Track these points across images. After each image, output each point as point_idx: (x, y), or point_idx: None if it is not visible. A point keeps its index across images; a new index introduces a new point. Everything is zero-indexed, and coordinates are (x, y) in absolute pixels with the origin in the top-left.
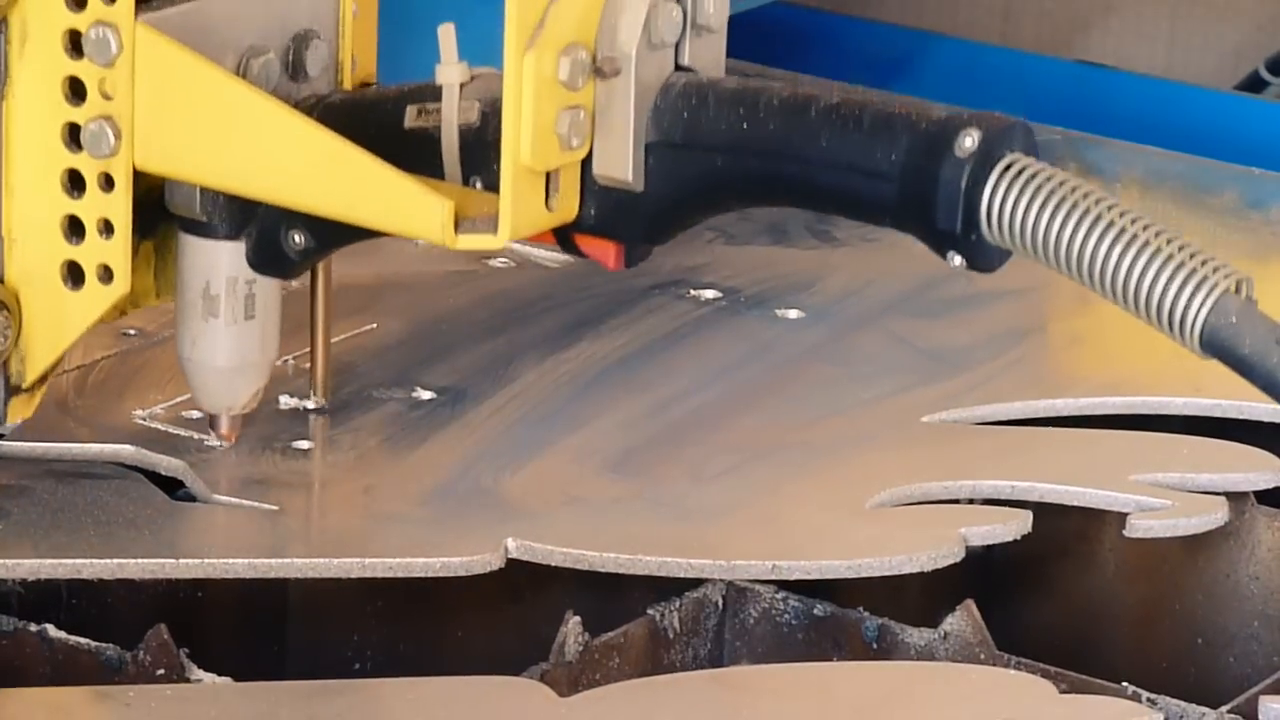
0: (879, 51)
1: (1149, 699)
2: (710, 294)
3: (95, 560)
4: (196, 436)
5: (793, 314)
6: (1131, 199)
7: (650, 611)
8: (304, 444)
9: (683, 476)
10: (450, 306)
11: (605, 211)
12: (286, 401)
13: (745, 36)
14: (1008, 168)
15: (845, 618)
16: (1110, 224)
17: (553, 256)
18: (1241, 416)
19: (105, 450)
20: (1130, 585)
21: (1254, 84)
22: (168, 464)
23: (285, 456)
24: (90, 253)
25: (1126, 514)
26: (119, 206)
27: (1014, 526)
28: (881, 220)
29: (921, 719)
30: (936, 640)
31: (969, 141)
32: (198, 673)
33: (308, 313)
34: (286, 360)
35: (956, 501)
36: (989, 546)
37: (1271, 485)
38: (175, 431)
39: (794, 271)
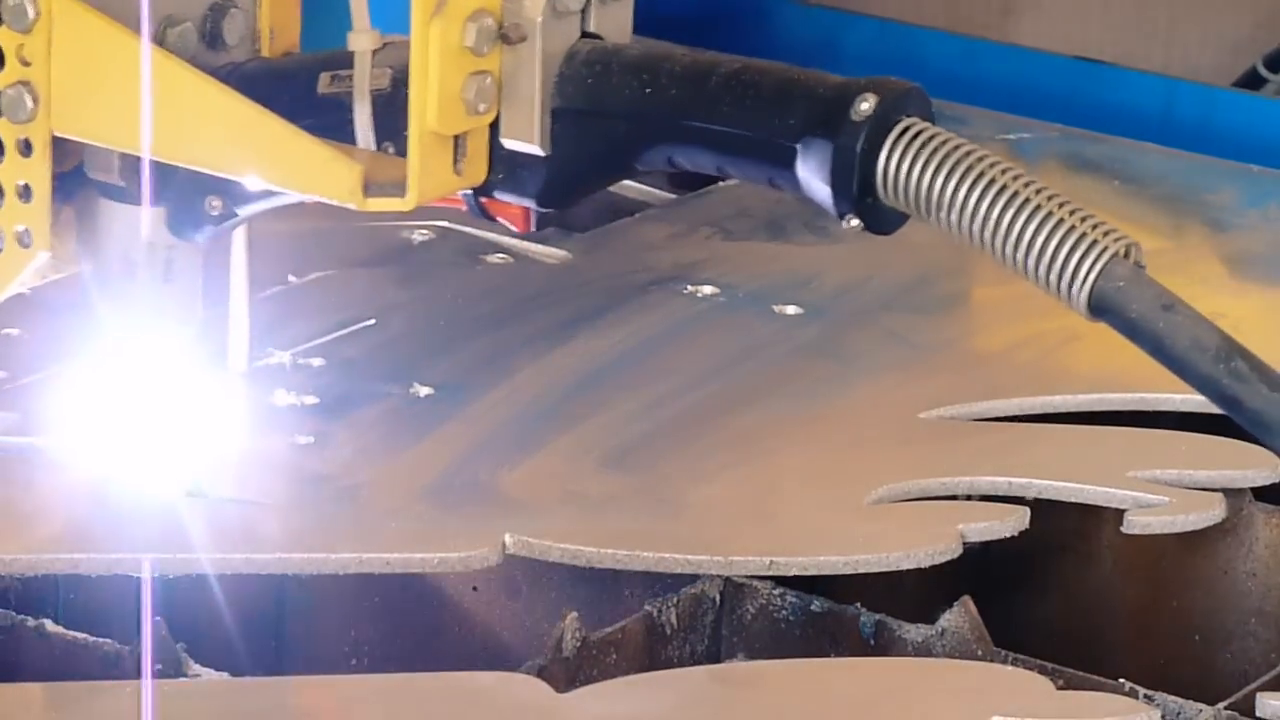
0: (877, 48)
1: (1146, 695)
2: (708, 290)
3: (93, 555)
4: (195, 431)
5: (790, 310)
6: (1129, 196)
7: (648, 607)
8: (302, 439)
9: (680, 472)
10: (448, 303)
11: (512, 175)
12: (284, 397)
13: (744, 33)
14: (903, 132)
15: (842, 614)
16: (1003, 187)
17: (551, 253)
18: None
19: (103, 446)
20: (1128, 581)
21: (1252, 80)
22: (166, 459)
23: (284, 452)
24: (9, 217)
25: (1124, 510)
26: (38, 171)
27: (1011, 523)
28: (780, 184)
29: (919, 715)
30: (934, 636)
31: (865, 106)
32: (195, 668)
33: (299, 302)
34: (285, 356)
35: (954, 498)
36: (986, 543)
37: (1269, 482)
38: (173, 426)
39: (791, 268)
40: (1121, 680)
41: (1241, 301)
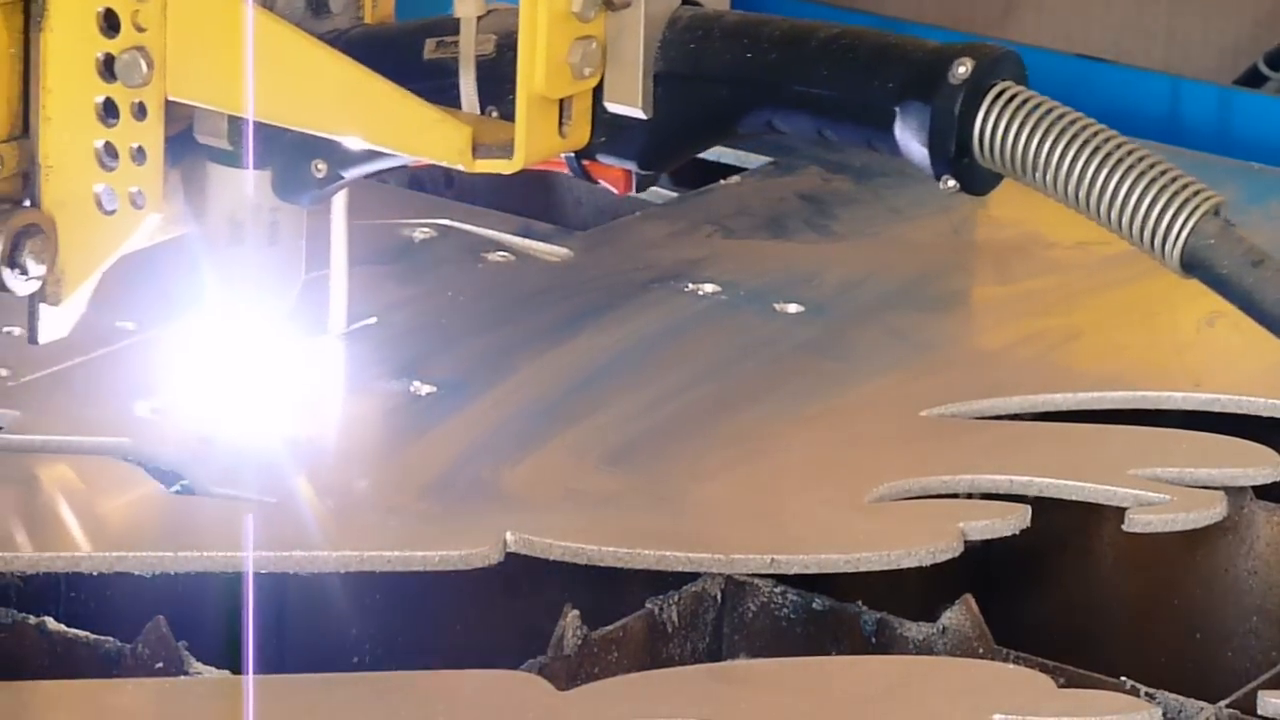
0: None
1: (1147, 693)
2: (709, 288)
3: (94, 553)
4: (195, 429)
5: (791, 308)
6: None
7: (649, 605)
8: (302, 436)
9: (682, 470)
10: (449, 301)
11: (614, 138)
12: (286, 394)
13: None
14: (999, 95)
15: (844, 612)
16: (1096, 148)
17: (552, 250)
18: (1240, 411)
19: (104, 443)
20: (1129, 580)
21: (1253, 78)
22: (166, 457)
23: (284, 449)
24: (123, 179)
25: (1125, 509)
26: (152, 134)
27: (1013, 521)
28: (878, 147)
29: (920, 713)
30: (935, 634)
31: (962, 70)
32: (197, 666)
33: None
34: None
35: (955, 496)
36: (988, 541)
37: (1270, 480)
38: (174, 425)
39: (793, 266)
40: (1123, 678)
41: None
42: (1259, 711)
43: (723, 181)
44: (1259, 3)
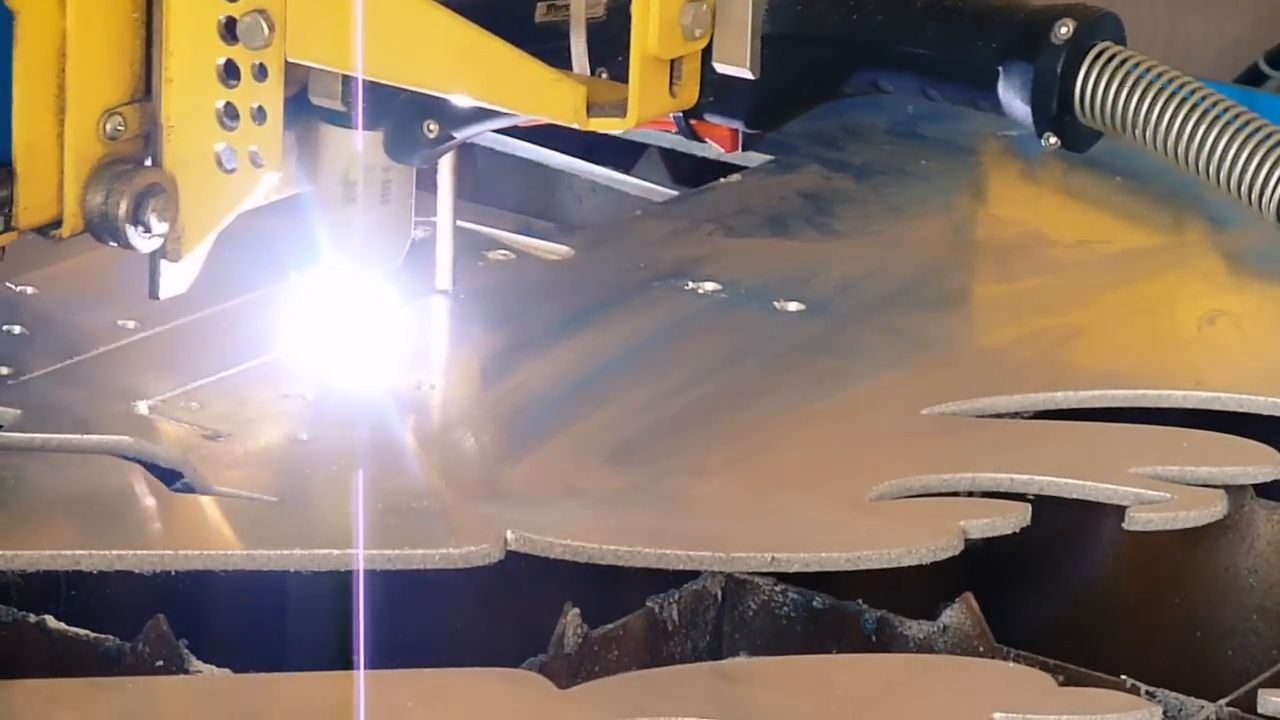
0: None
1: (1148, 692)
2: (709, 286)
3: (94, 551)
4: (195, 428)
5: (792, 306)
6: (1130, 192)
7: (649, 603)
8: (304, 435)
9: (682, 468)
10: (450, 299)
11: (722, 98)
12: (286, 392)
13: None
14: (1099, 54)
15: (844, 610)
16: (1195, 105)
17: (553, 249)
18: (1241, 410)
19: (104, 441)
20: (1129, 578)
21: (1254, 77)
22: (166, 455)
23: (285, 447)
24: (243, 138)
25: (1125, 507)
26: (271, 94)
27: (1013, 519)
28: (982, 105)
29: (920, 712)
30: (935, 633)
31: (1064, 30)
32: (197, 664)
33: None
34: (284, 353)
35: (956, 494)
36: (988, 539)
37: (1271, 478)
38: (174, 423)
39: (793, 264)
40: (1123, 677)
41: (1242, 298)
42: (1259, 710)
43: (723, 180)
44: (1259, 2)
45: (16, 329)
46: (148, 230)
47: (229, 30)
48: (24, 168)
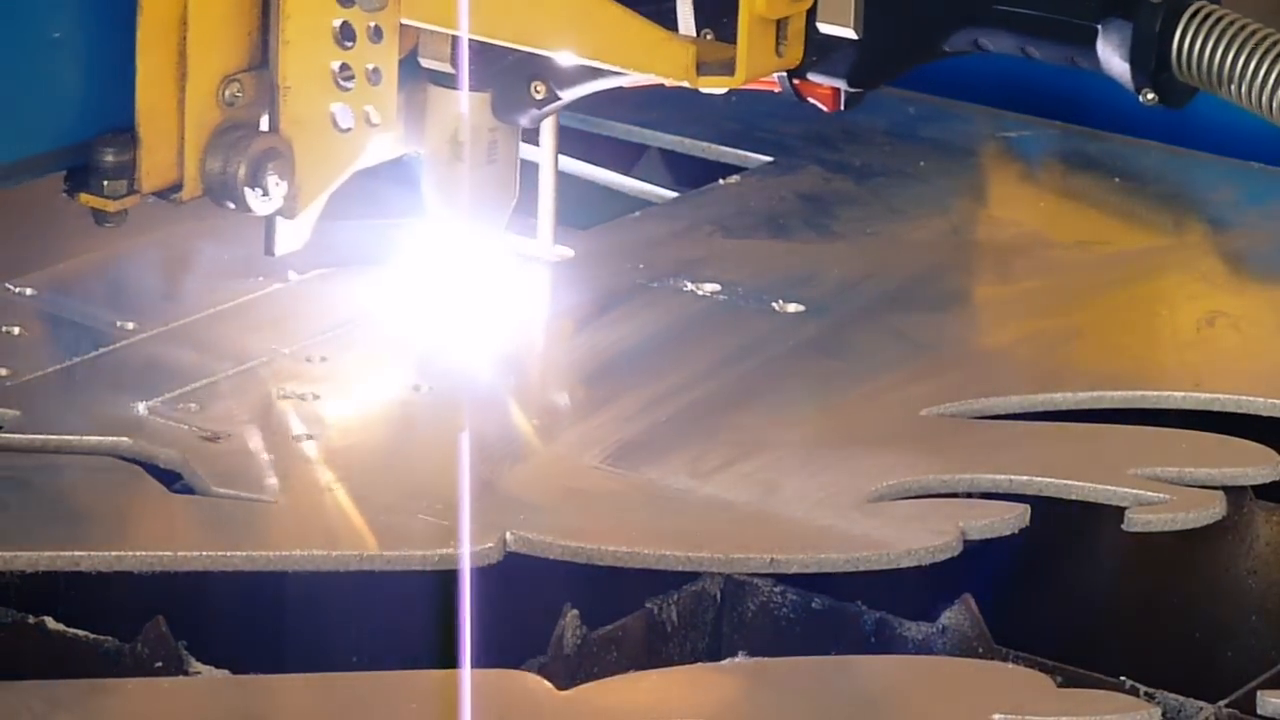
0: None
1: (1147, 693)
2: (709, 287)
3: (93, 552)
4: (195, 429)
5: (792, 308)
6: (1129, 193)
7: (648, 605)
8: (303, 436)
9: (681, 469)
10: (448, 299)
11: (826, 58)
12: (286, 392)
13: None
14: (1196, 12)
15: (843, 611)
16: None
17: (553, 250)
18: (1240, 411)
19: (104, 442)
20: (1128, 579)
21: None
22: (166, 456)
23: (284, 449)
24: (358, 98)
25: (1125, 508)
26: (387, 55)
27: (1012, 520)
28: (1081, 63)
29: (919, 713)
30: (934, 634)
31: None
32: (196, 665)
33: (299, 299)
34: (284, 353)
35: (955, 495)
36: (987, 540)
37: (1270, 480)
38: (174, 424)
39: (793, 265)
40: (1122, 678)
41: (1242, 299)
42: (1258, 711)
43: (722, 181)
44: (1259, 2)
45: (16, 329)
46: (266, 194)
47: None
48: (146, 133)
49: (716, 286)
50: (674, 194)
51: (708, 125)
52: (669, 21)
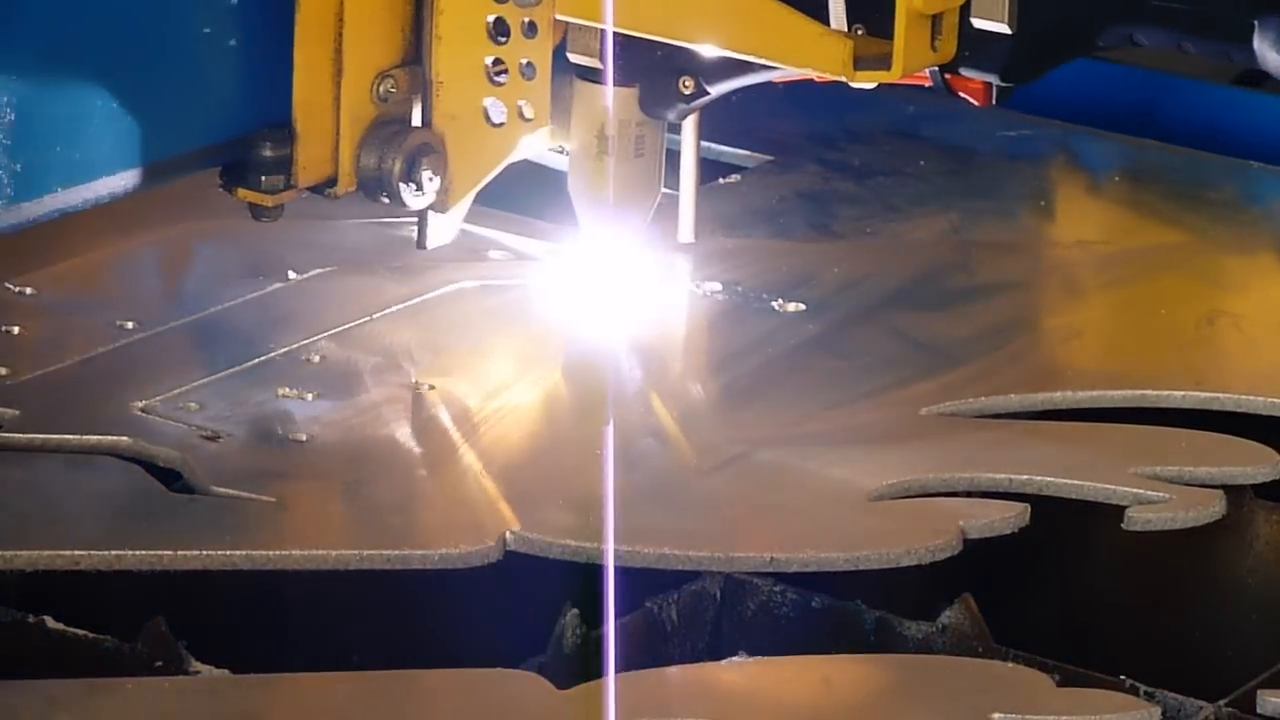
0: None
1: (1147, 692)
2: (710, 286)
3: (93, 552)
4: (194, 428)
5: (792, 307)
6: (1130, 193)
7: (648, 604)
8: (302, 435)
9: (681, 469)
10: (448, 299)
11: (978, 52)
12: (285, 393)
13: None
14: None
15: (843, 610)
16: None
17: (551, 249)
18: (1240, 410)
19: (103, 442)
20: (1128, 578)
21: (1251, 78)
22: (165, 455)
23: (283, 448)
24: (512, 93)
25: (1125, 507)
26: (541, 51)
27: (1012, 520)
28: (1236, 58)
29: (919, 712)
30: (934, 633)
31: None
32: (196, 664)
33: (299, 298)
34: (283, 352)
35: (955, 494)
36: (987, 539)
37: (1270, 479)
38: (173, 423)
39: (793, 264)
40: (1122, 677)
41: (1241, 298)
42: (1258, 710)
43: (722, 180)
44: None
45: (15, 329)
46: (419, 188)
47: None
48: (304, 128)
49: (717, 286)
50: (674, 193)
51: (708, 124)
52: (818, 17)
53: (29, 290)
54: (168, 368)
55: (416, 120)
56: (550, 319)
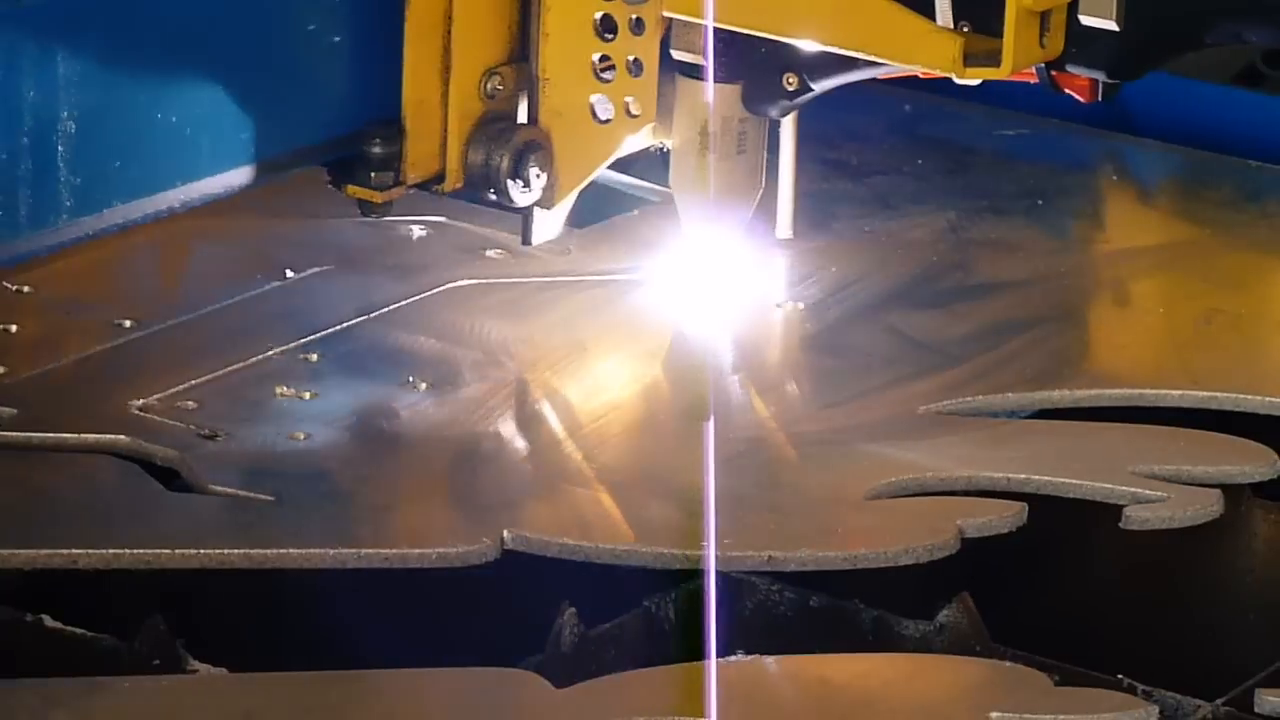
0: None
1: (1144, 691)
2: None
3: (91, 550)
4: (192, 427)
5: (790, 305)
6: (1127, 192)
7: (646, 603)
8: (300, 434)
9: (679, 467)
10: (445, 297)
11: (1085, 49)
12: (283, 391)
13: None
14: None
15: (841, 609)
16: None
17: (550, 248)
18: (1238, 409)
19: (101, 440)
20: (1126, 577)
21: (1250, 76)
22: (163, 454)
23: (281, 447)
24: (618, 89)
25: (1122, 506)
26: (648, 47)
27: (1010, 519)
28: None
29: (917, 711)
30: (932, 632)
31: None
32: (194, 663)
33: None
34: (281, 351)
35: (953, 493)
36: (985, 538)
37: (1267, 478)
38: (171, 422)
39: (792, 263)
40: (1120, 676)
41: (1240, 296)
42: (1255, 709)
43: None
44: None
45: (13, 327)
46: (527, 185)
47: None
48: (413, 125)
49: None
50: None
51: None
52: (921, 14)
53: (26, 288)
54: (166, 366)
55: (522, 117)
56: (550, 318)
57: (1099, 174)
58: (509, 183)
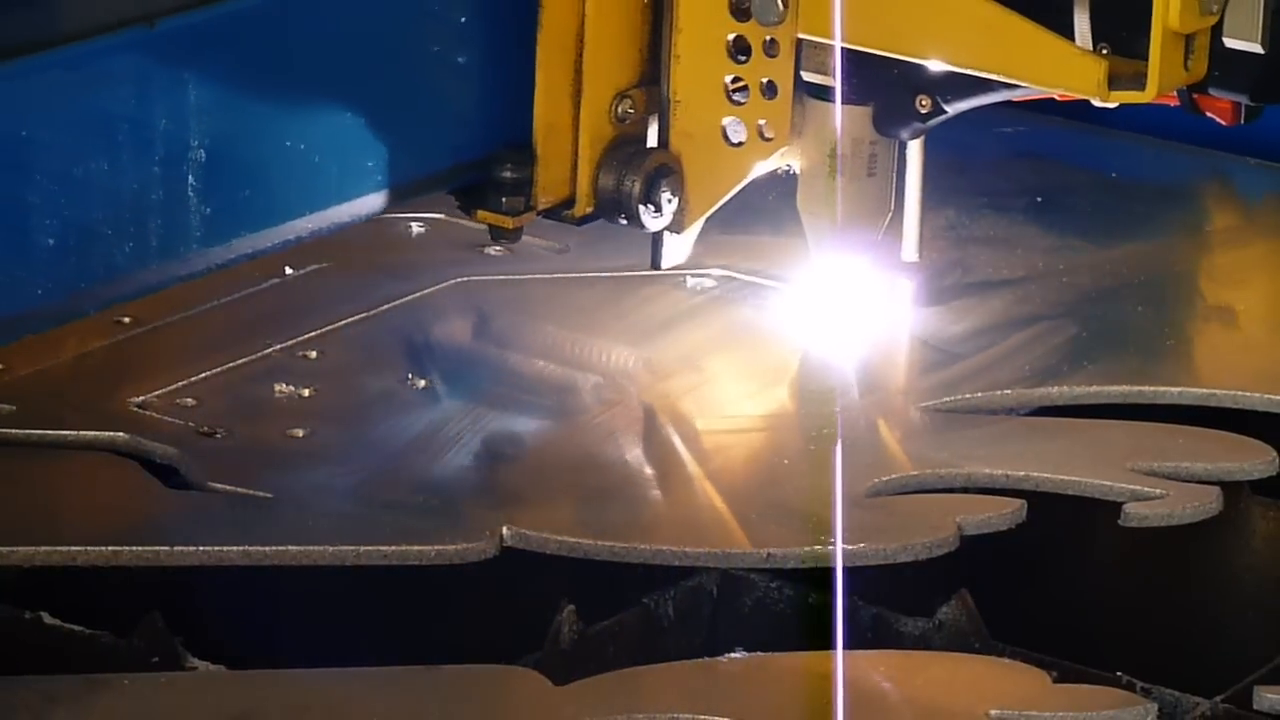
0: None
1: (1143, 688)
2: (708, 283)
3: (90, 547)
4: (191, 424)
5: (790, 304)
6: (1126, 189)
7: (645, 600)
8: (298, 431)
9: (678, 464)
10: (445, 295)
11: (1227, 71)
12: (282, 389)
13: None
14: None
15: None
16: None
17: (550, 245)
18: (1236, 406)
19: (100, 437)
20: (1125, 574)
21: None
22: (162, 451)
23: (280, 444)
24: (751, 112)
25: (1121, 503)
26: (782, 70)
27: (1009, 516)
28: None
29: (916, 708)
30: (931, 629)
31: None
32: (192, 660)
33: (296, 295)
34: (280, 348)
35: (952, 490)
36: (984, 535)
37: (1266, 475)
38: (170, 419)
39: (791, 261)
40: (1118, 673)
41: (1238, 294)
42: (1254, 706)
43: None
44: None
45: None
46: (658, 210)
47: (740, 8)
48: (544, 149)
49: (714, 282)
50: None
51: None
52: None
53: None
54: (165, 363)
55: (652, 140)
56: (550, 315)
57: (1099, 172)
58: (640, 207)
